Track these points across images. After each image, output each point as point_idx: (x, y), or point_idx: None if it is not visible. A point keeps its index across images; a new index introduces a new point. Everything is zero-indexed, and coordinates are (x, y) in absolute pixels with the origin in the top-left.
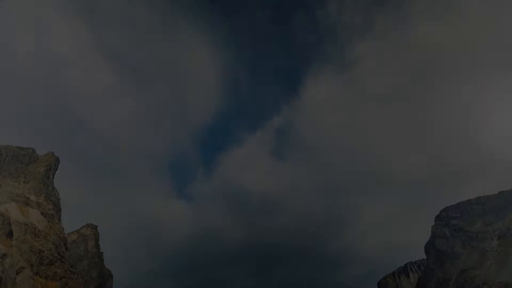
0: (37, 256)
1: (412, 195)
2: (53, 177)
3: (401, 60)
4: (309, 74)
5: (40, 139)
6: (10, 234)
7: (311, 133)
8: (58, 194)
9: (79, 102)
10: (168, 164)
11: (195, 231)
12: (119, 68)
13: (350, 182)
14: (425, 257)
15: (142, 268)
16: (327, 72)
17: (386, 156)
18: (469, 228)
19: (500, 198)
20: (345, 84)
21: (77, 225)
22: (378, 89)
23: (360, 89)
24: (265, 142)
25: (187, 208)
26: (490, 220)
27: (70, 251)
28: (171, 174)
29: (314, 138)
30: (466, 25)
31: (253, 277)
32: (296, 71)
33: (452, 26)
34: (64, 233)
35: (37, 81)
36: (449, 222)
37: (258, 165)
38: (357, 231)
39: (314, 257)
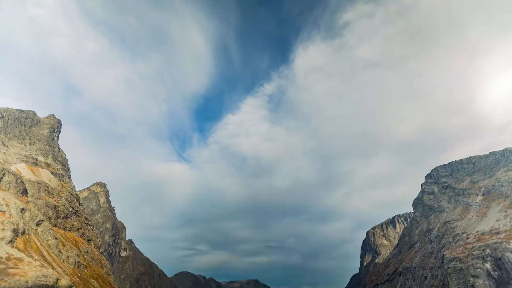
0: (53, 210)
1: (404, 157)
2: (58, 139)
3: (393, 25)
4: (299, 41)
5: (38, 106)
6: (24, 192)
7: (303, 99)
8: (65, 155)
9: (71, 71)
10: (166, 131)
11: (196, 191)
12: (107, 36)
13: (342, 146)
14: (412, 211)
15: (150, 223)
16: (317, 38)
17: (378, 121)
18: (456, 185)
19: (490, 157)
20: (336, 50)
21: (86, 184)
22: (369, 55)
23: (350, 55)
24: (258, 108)
25: (187, 170)
26: (477, 178)
27: (83, 206)
28: (170, 140)
29: (305, 104)
30: None
31: (252, 229)
32: (286, 38)
33: None
34: (75, 191)
35: (26, 50)
36: (439, 180)
37: (252, 131)
38: (347, 190)
39: (306, 213)
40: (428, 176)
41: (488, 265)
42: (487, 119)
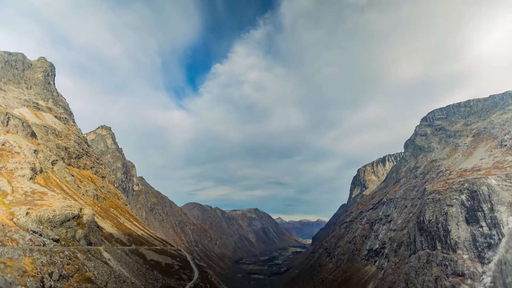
0: (65, 152)
1: (399, 102)
2: (54, 83)
3: None
4: None
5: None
6: (33, 135)
7: (292, 47)
8: (65, 99)
9: (58, 19)
10: (161, 82)
11: (195, 135)
12: None
13: (332, 93)
14: (403, 151)
15: (157, 163)
16: None
17: (370, 68)
18: (449, 127)
19: (489, 100)
20: None
21: (91, 129)
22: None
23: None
24: (247, 56)
25: (185, 117)
26: (471, 120)
27: (92, 147)
28: (166, 91)
29: (295, 51)
30: None
31: (251, 168)
32: None
33: None
34: (82, 133)
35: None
36: (433, 122)
37: (242, 79)
38: (337, 134)
39: (300, 155)
40: (424, 119)
41: (463, 196)
42: (487, 62)
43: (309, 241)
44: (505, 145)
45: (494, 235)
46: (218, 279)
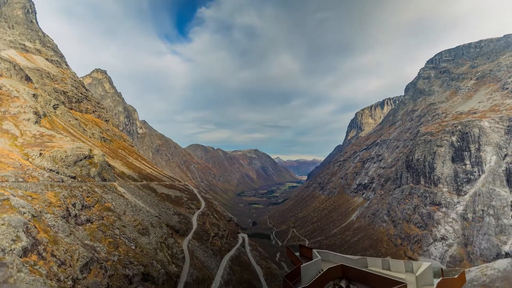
0: (64, 96)
1: (400, 45)
2: (37, 22)
3: None
4: None
5: None
6: (28, 79)
7: None
8: (52, 40)
9: None
10: (151, 26)
11: (193, 81)
12: None
13: (329, 37)
14: (403, 95)
15: (158, 108)
16: None
17: (371, 7)
18: (454, 70)
19: (502, 41)
20: None
21: (84, 73)
22: None
23: None
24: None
25: (180, 63)
26: (478, 63)
27: (90, 91)
28: (158, 35)
29: None
30: None
31: (249, 113)
32: None
33: None
34: (78, 77)
35: None
36: (439, 65)
37: (233, 22)
38: (337, 79)
39: (297, 99)
40: (429, 61)
41: (454, 138)
42: None
43: (305, 177)
44: (507, 88)
45: (475, 172)
46: (223, 208)
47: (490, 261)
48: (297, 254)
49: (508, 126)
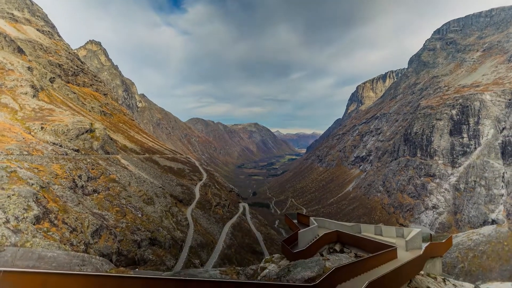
0: (60, 69)
1: (408, 14)
2: None
3: None
4: None
5: None
6: (21, 51)
7: None
8: (42, 9)
9: None
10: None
11: (189, 54)
12: None
13: (329, 9)
14: (406, 67)
15: (156, 82)
16: None
17: None
18: (461, 41)
19: None
20: None
21: (77, 45)
22: None
23: None
24: None
25: (175, 35)
26: (487, 33)
27: (86, 64)
28: (151, 7)
29: None
30: None
31: (248, 86)
32: None
33: None
34: (71, 49)
35: None
36: (446, 35)
37: None
38: (336, 52)
39: (296, 72)
40: (436, 32)
41: (454, 111)
42: None
43: (304, 150)
44: None
45: (472, 145)
46: (224, 180)
47: (477, 227)
48: (295, 221)
49: (509, 100)
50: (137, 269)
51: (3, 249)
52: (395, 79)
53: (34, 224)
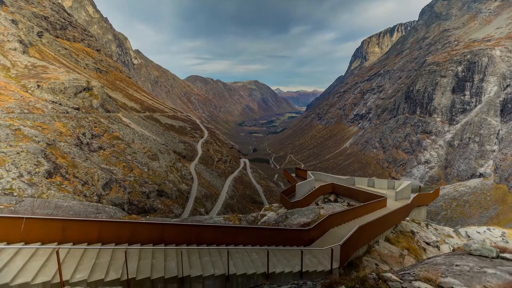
0: (46, 22)
1: None
2: None
3: None
4: None
5: None
6: (0, 1)
7: None
8: None
9: None
10: None
11: (184, 9)
12: None
13: None
14: (416, 19)
15: (150, 39)
16: None
17: None
18: None
19: None
20: None
21: None
22: None
23: None
24: None
25: None
26: None
27: (74, 17)
28: None
29: None
30: None
31: (246, 42)
32: None
33: None
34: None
35: None
36: None
37: None
38: (337, 3)
39: (296, 26)
40: None
41: (460, 68)
42: None
43: (304, 108)
44: None
45: (472, 102)
46: (225, 137)
47: (464, 180)
48: (293, 175)
49: None
50: (148, 216)
51: (22, 199)
52: (404, 33)
53: (46, 178)
